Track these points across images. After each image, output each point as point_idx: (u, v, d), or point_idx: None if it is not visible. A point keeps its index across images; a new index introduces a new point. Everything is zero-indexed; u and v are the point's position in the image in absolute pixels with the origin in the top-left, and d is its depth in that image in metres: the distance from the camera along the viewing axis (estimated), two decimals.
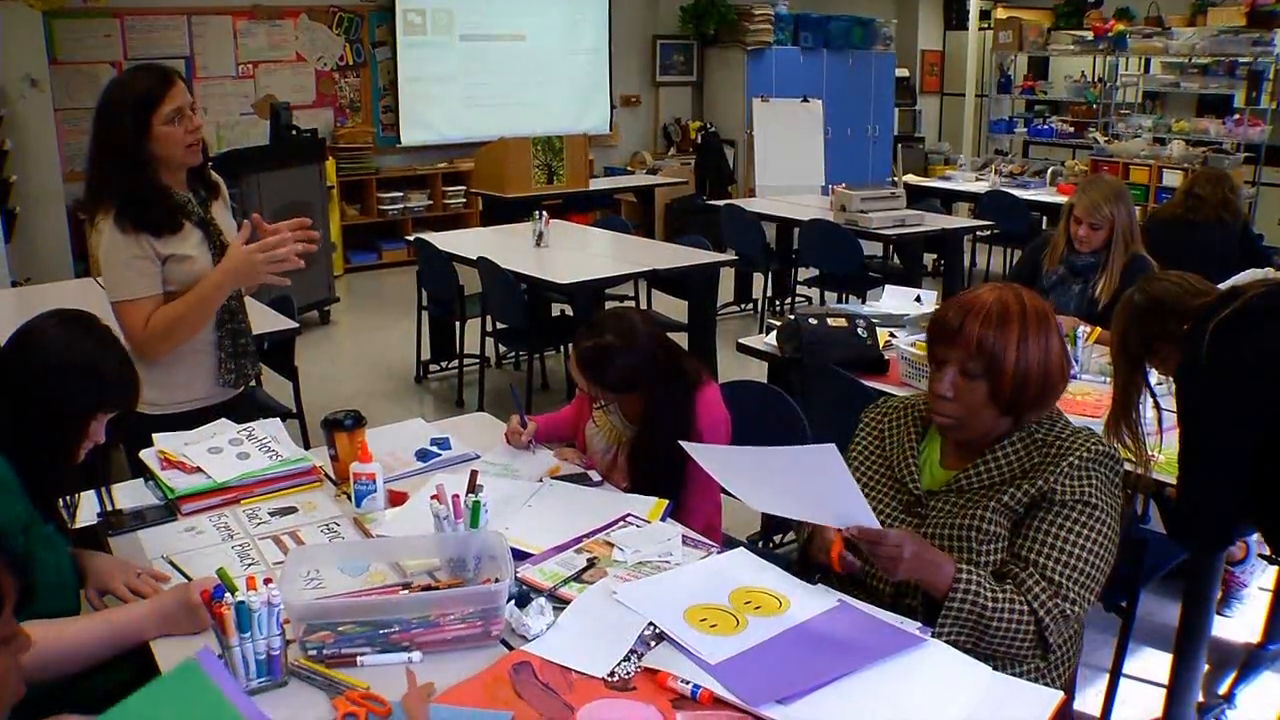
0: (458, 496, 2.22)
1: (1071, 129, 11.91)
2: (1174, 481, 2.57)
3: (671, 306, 6.39)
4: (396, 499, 2.55)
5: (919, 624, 1.97)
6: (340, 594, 2.08)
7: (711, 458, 2.16)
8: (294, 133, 8.03)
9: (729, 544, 2.66)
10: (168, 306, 2.86)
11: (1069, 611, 1.95)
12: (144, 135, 2.77)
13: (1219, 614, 3.68)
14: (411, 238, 6.82)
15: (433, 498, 2.24)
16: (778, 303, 8.28)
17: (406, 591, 2.08)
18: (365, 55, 9.77)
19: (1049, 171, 9.57)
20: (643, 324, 2.79)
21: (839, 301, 7.13)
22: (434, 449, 2.87)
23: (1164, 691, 3.09)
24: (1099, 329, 3.68)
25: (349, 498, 2.52)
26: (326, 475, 2.70)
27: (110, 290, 2.86)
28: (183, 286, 2.87)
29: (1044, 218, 8.69)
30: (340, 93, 9.78)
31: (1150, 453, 2.65)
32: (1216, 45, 10.01)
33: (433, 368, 6.79)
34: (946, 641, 1.90)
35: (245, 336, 3.13)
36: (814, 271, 7.58)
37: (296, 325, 4.31)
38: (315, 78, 9.58)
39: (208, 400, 3.03)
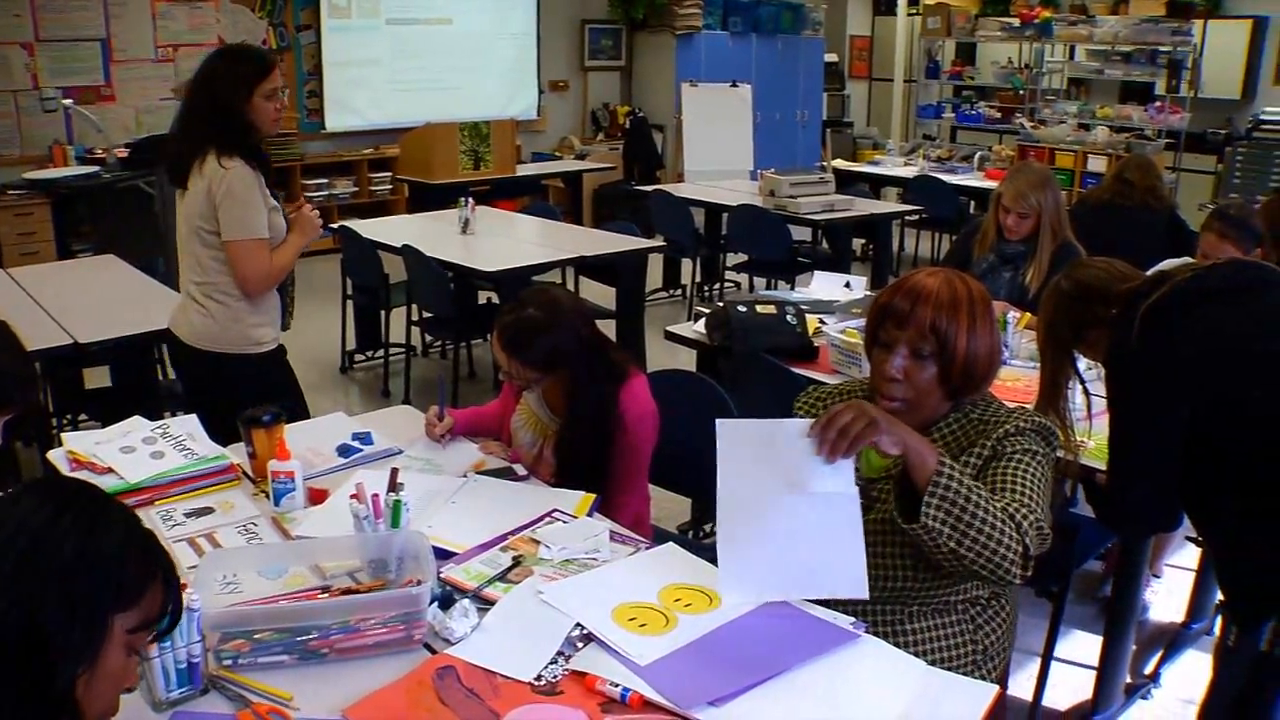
0: (377, 496, 2.17)
1: (999, 114, 12.03)
2: (1103, 467, 2.58)
3: (600, 294, 6.34)
4: (317, 497, 2.49)
5: (852, 619, 1.96)
6: (258, 599, 2.01)
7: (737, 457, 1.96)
8: None
9: (659, 537, 2.63)
10: (278, 252, 3.35)
11: (1040, 527, 1.90)
12: (245, 103, 3.23)
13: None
14: (336, 225, 6.71)
15: (352, 497, 2.18)
16: (707, 289, 8.27)
17: (326, 595, 2.02)
18: (289, 39, 9.56)
19: (976, 156, 9.65)
20: (568, 301, 2.74)
21: (768, 287, 7.15)
22: (356, 444, 2.80)
23: (1094, 673, 3.14)
24: (1028, 314, 3.71)
25: (267, 496, 2.46)
26: (244, 473, 2.62)
27: (239, 228, 3.24)
28: (275, 236, 3.33)
29: (972, 202, 8.77)
30: None
31: (1080, 439, 2.66)
32: (1138, 34, 10.16)
33: (358, 358, 6.69)
34: (930, 525, 1.80)
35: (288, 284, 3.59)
36: (743, 257, 7.59)
37: None
38: None
39: (279, 340, 3.50)
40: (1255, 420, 2.18)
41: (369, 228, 6.32)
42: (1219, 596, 2.40)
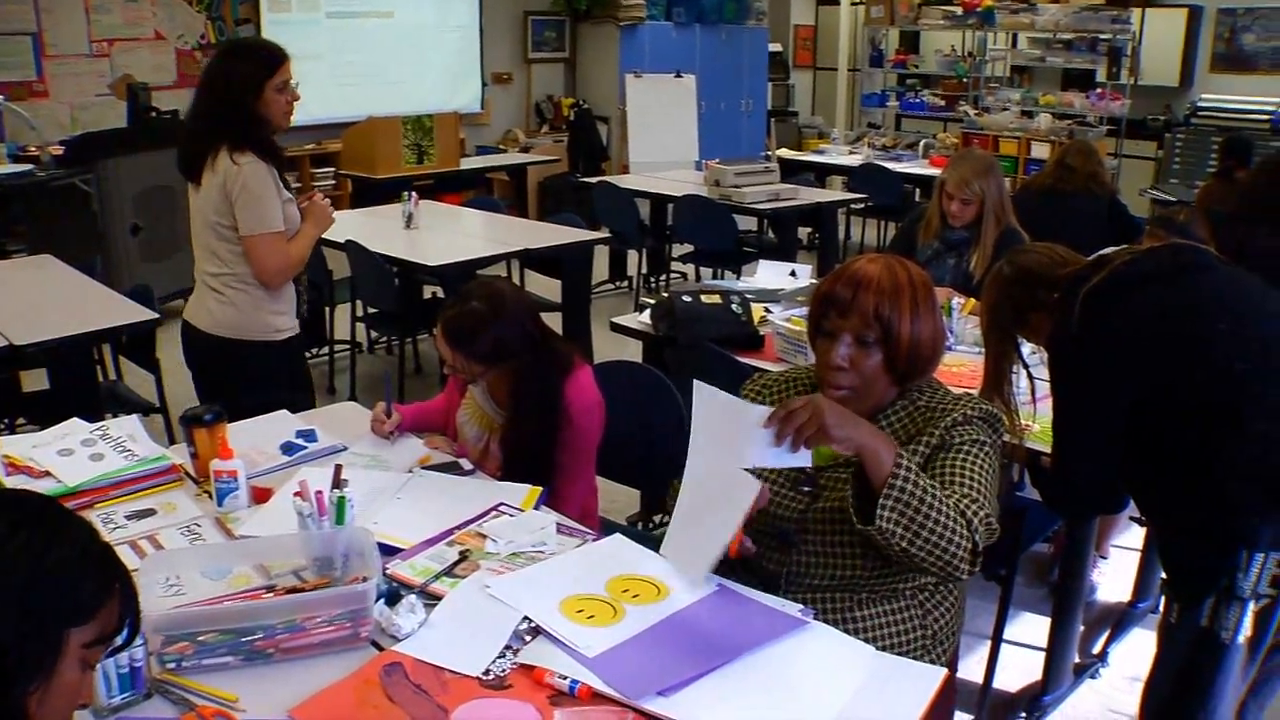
0: (321, 493, 2.15)
1: (943, 102, 12.11)
2: (1048, 450, 2.61)
3: (545, 286, 6.33)
4: (260, 496, 2.47)
5: (800, 607, 1.97)
6: (202, 600, 1.99)
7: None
8: (154, 115, 7.73)
9: (607, 528, 2.63)
10: (294, 244, 3.43)
11: (989, 522, 1.92)
12: (257, 97, 3.27)
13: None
14: None
15: (296, 494, 2.17)
16: (653, 280, 8.27)
17: (271, 594, 2.00)
18: (228, 33, 9.41)
19: (921, 144, 9.72)
20: (512, 293, 2.74)
21: (714, 278, 7.16)
22: (300, 442, 2.79)
23: (1043, 654, 3.19)
24: (972, 300, 3.74)
25: (210, 497, 2.43)
26: (187, 474, 2.60)
27: (256, 222, 3.31)
28: (290, 228, 3.40)
29: (917, 190, 8.83)
30: None
31: (1024, 422, 2.70)
32: (1079, 22, 10.26)
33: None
34: (885, 528, 1.81)
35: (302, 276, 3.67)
36: (689, 248, 7.59)
37: (157, 315, 4.15)
38: (176, 57, 9.22)
39: (296, 329, 3.60)
40: (1192, 402, 2.21)
41: None
42: (1163, 575, 2.44)
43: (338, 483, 2.22)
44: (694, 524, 2.04)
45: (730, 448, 1.90)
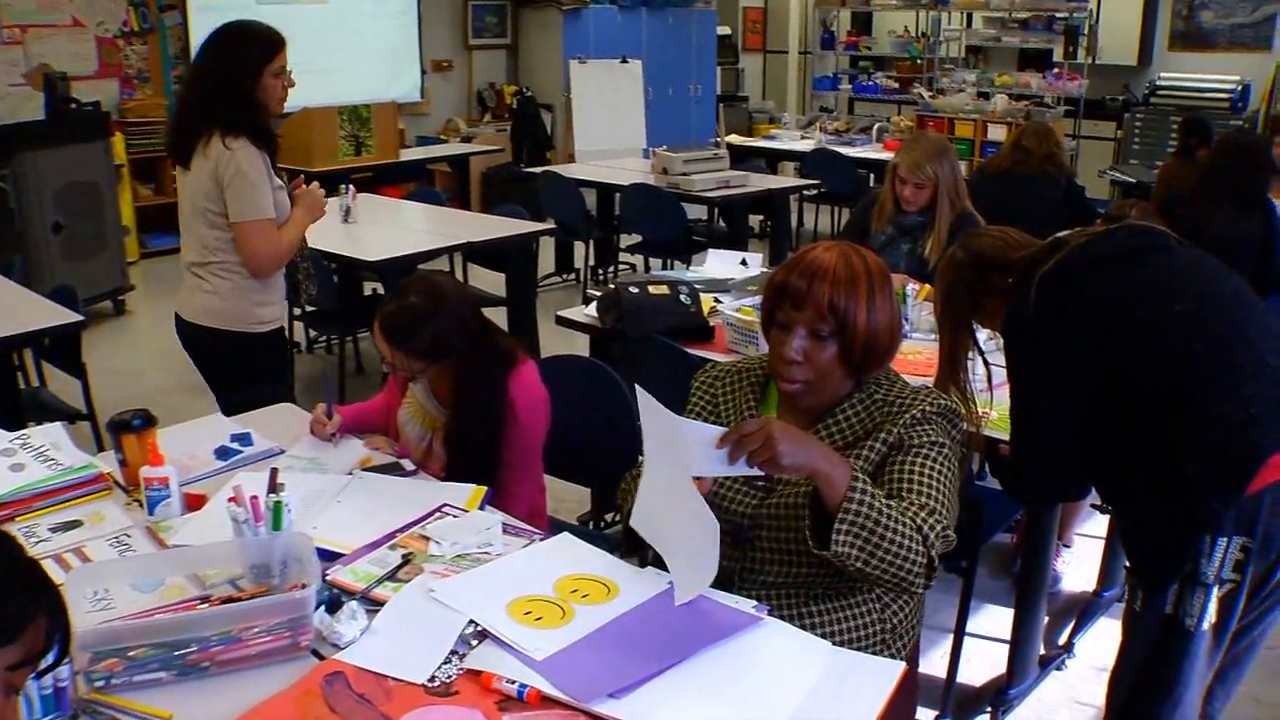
0: (257, 498, 2.14)
1: (896, 85, 12.22)
2: (1007, 438, 2.64)
3: (490, 280, 6.32)
4: (194, 503, 2.44)
5: (754, 603, 1.98)
6: (131, 614, 1.97)
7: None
8: (73, 106, 7.63)
9: (556, 528, 2.63)
10: (285, 231, 3.48)
11: (946, 534, 1.93)
12: (254, 81, 3.32)
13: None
14: None
15: (230, 500, 2.15)
16: (601, 272, 8.29)
17: (206, 605, 1.99)
18: (153, 21, 9.32)
19: (875, 128, 9.79)
20: (451, 287, 2.74)
21: (664, 268, 7.17)
22: (235, 446, 2.76)
23: (1007, 647, 3.21)
24: (928, 286, 3.77)
25: (141, 505, 2.40)
26: (116, 482, 2.57)
27: (248, 208, 3.35)
28: (280, 215, 3.45)
29: (871, 175, 8.88)
30: (126, 62, 9.29)
31: (982, 410, 2.72)
32: (1035, 0, 10.35)
33: None
34: (840, 551, 1.82)
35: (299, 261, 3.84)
36: (637, 238, 7.61)
37: (81, 318, 4.10)
38: (96, 45, 9.10)
39: (281, 321, 3.68)
40: (1149, 386, 2.25)
41: None
42: (1126, 563, 2.47)
43: (274, 487, 2.20)
44: (683, 549, 2.01)
45: (679, 459, 1.90)
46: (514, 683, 1.75)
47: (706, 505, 1.88)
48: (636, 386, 1.95)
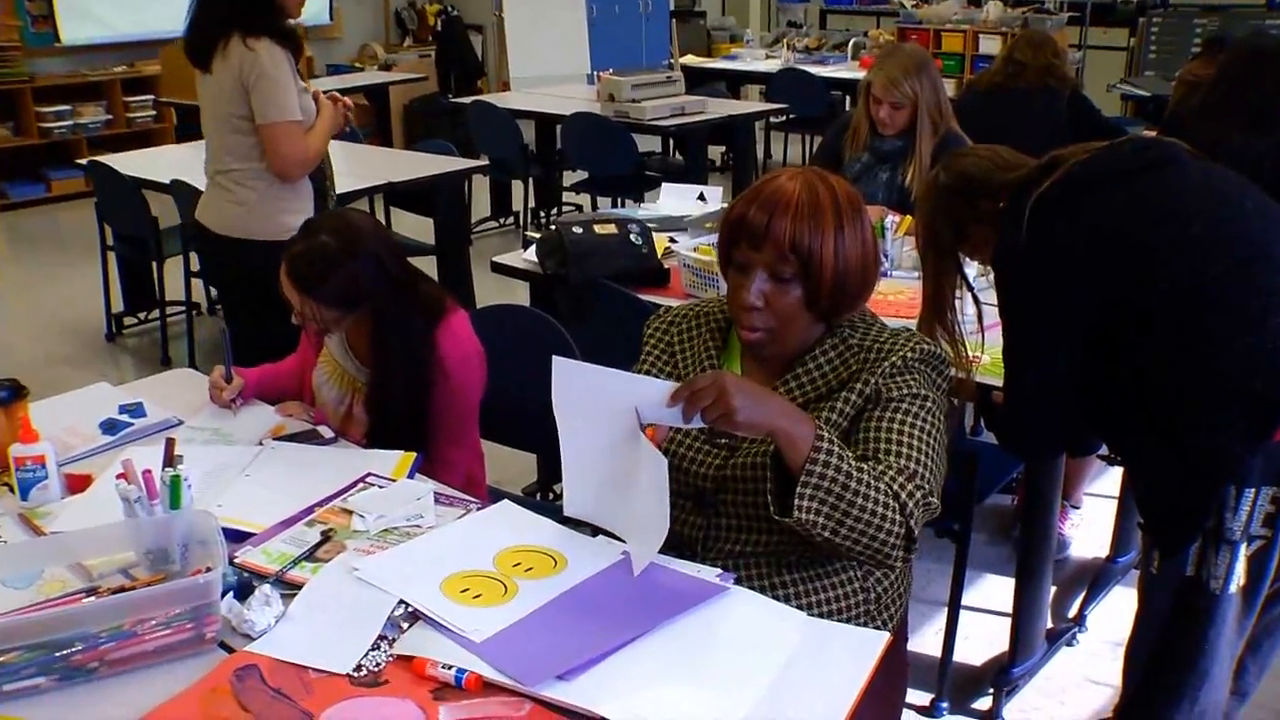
0: (150, 473, 2.12)
1: None
2: (1000, 384, 2.64)
3: (416, 226, 6.29)
4: (76, 484, 2.43)
5: (719, 571, 1.98)
6: (2, 613, 1.94)
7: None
8: None
9: (496, 499, 2.63)
10: (312, 135, 3.78)
11: (928, 502, 1.93)
12: None
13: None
14: (86, 162, 6.49)
15: (119, 477, 2.13)
16: (542, 214, 8.29)
17: (93, 598, 1.97)
18: None
19: (850, 44, 9.80)
20: (368, 225, 2.73)
21: (614, 207, 7.15)
22: (124, 418, 2.75)
23: (1009, 621, 3.20)
24: (909, 219, 3.77)
25: (12, 490, 2.38)
26: None
27: (274, 110, 3.62)
28: (306, 119, 3.74)
29: (846, 98, 8.90)
30: None
31: (972, 354, 2.72)
32: None
33: (129, 321, 6.55)
34: (804, 519, 1.82)
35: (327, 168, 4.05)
36: (583, 175, 7.60)
37: None
38: None
39: None
40: (1162, 318, 2.24)
41: (128, 163, 6.16)
42: (1140, 521, 2.48)
43: (170, 460, 2.18)
44: (634, 512, 2.02)
45: (618, 418, 1.90)
46: (450, 668, 1.75)
47: (652, 449, 1.88)
48: (554, 357, 1.96)
